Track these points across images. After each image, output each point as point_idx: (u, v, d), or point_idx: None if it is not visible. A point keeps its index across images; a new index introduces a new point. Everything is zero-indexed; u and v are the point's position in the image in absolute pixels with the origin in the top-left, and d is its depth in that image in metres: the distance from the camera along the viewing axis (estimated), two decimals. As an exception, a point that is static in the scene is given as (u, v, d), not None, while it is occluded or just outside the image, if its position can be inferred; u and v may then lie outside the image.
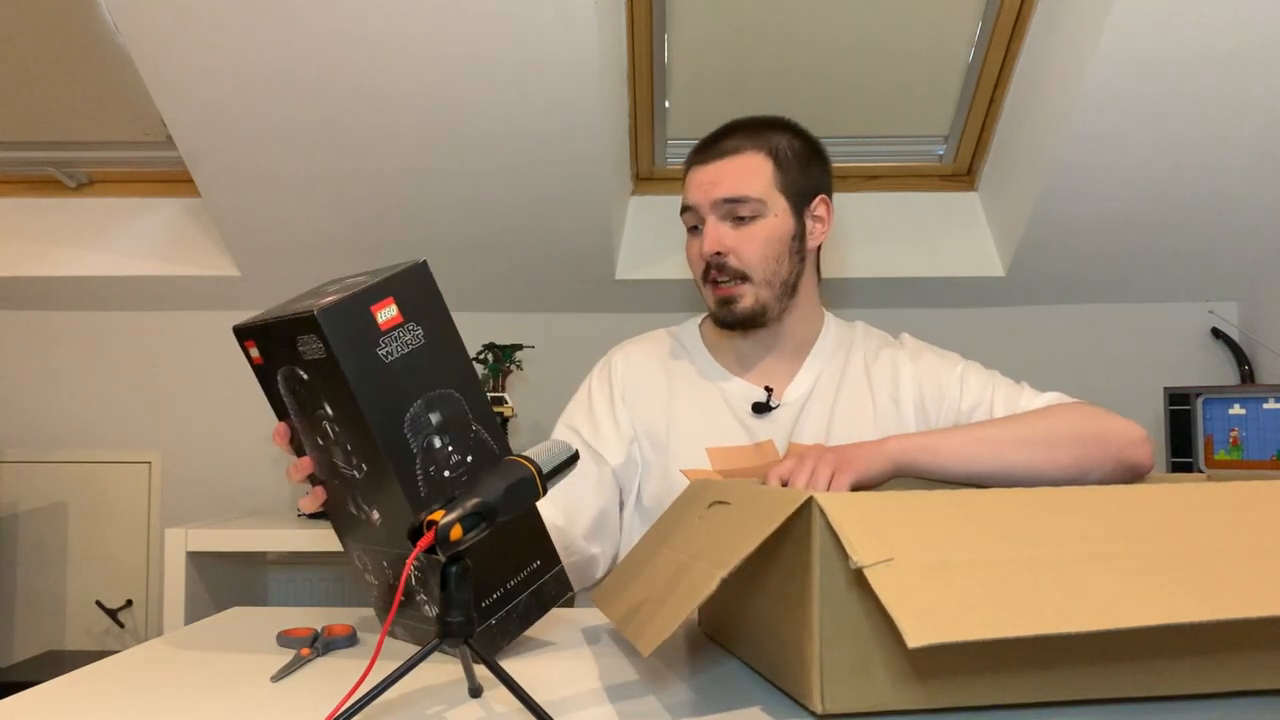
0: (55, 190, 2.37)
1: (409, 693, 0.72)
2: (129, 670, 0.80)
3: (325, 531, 1.99)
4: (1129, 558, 0.60)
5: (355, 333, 0.74)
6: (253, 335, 0.82)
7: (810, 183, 1.25)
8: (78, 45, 2.09)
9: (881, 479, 0.97)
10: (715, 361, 1.31)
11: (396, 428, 0.75)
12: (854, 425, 1.23)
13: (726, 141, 1.23)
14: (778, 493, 0.74)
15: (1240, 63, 1.81)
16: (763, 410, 1.25)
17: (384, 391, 0.75)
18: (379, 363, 0.75)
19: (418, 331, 0.77)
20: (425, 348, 0.77)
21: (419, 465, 0.76)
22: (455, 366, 0.79)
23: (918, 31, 2.08)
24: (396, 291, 0.76)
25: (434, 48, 1.81)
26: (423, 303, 0.78)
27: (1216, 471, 1.99)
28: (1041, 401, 1.17)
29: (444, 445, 0.78)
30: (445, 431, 0.78)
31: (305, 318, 0.73)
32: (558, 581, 0.87)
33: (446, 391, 0.78)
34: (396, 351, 0.76)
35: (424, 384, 0.77)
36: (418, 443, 0.76)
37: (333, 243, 2.25)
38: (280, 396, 0.84)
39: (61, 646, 2.39)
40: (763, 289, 1.21)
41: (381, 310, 0.75)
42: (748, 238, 1.20)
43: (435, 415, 0.77)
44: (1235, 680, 0.65)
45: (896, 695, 0.62)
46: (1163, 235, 2.21)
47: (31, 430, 2.44)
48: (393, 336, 0.76)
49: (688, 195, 1.24)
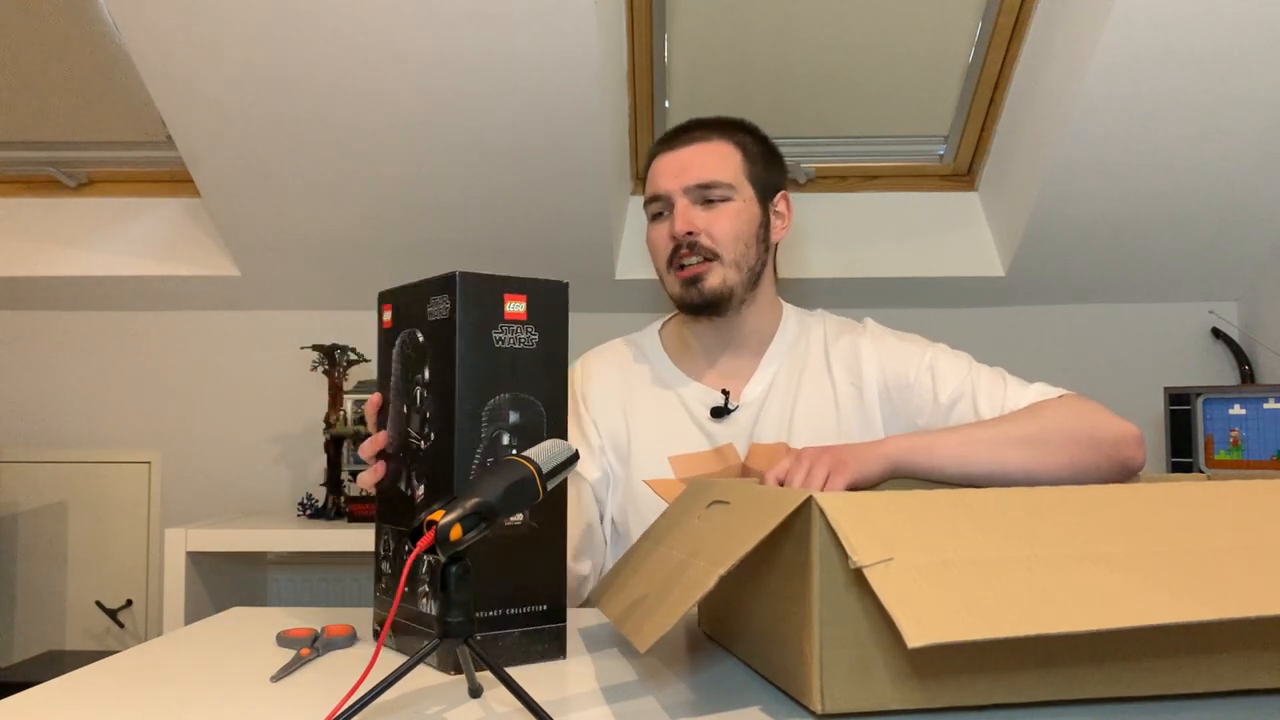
0: (55, 190, 2.37)
1: (409, 693, 0.72)
2: (129, 670, 0.80)
3: (325, 531, 1.99)
4: (1129, 558, 0.60)
5: (481, 306, 0.81)
6: (392, 298, 0.90)
7: (772, 179, 1.27)
8: (78, 45, 2.09)
9: (878, 480, 0.97)
10: (674, 366, 1.30)
11: (476, 406, 0.80)
12: (815, 420, 1.22)
13: (693, 131, 1.24)
14: (777, 492, 0.74)
15: (1240, 63, 1.81)
16: (721, 414, 1.24)
17: (481, 370, 0.81)
18: (489, 342, 0.81)
19: (534, 336, 0.84)
20: (534, 353, 0.84)
21: (480, 451, 0.80)
22: (552, 383, 0.85)
23: (918, 32, 2.08)
24: (531, 292, 0.83)
25: (434, 48, 1.81)
26: (549, 315, 0.85)
27: (1216, 471, 1.99)
28: (1031, 393, 1.14)
29: (511, 444, 0.82)
30: (518, 433, 0.82)
31: (448, 276, 0.80)
32: (553, 639, 0.84)
33: (534, 400, 0.84)
34: (508, 342, 0.82)
35: (519, 383, 0.83)
36: (489, 430, 0.81)
37: (333, 243, 2.26)
38: (387, 365, 0.91)
39: (61, 646, 2.39)
40: (730, 270, 1.20)
41: (512, 301, 0.83)
42: (718, 216, 1.20)
43: (515, 415, 0.82)
44: (1235, 680, 0.65)
45: (896, 695, 0.62)
46: (1163, 235, 2.21)
47: (31, 430, 2.44)
48: (510, 327, 0.82)
49: (656, 183, 1.23)
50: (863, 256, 2.34)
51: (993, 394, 1.15)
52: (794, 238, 2.34)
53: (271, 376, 2.43)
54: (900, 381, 1.21)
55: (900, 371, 1.22)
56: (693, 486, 0.96)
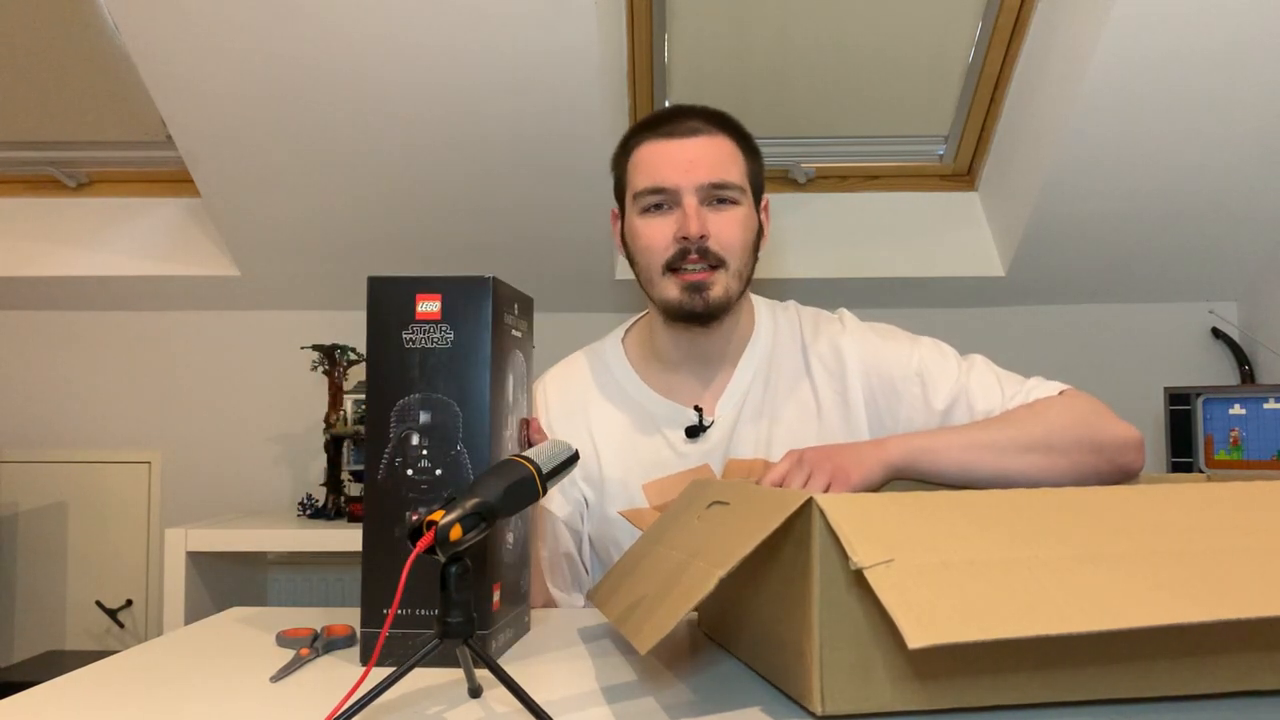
0: (55, 190, 2.37)
1: (409, 693, 0.72)
2: (129, 670, 0.80)
3: (325, 531, 1.99)
4: (1129, 558, 0.60)
5: (391, 307, 0.81)
6: None
7: (761, 182, 1.20)
8: (78, 45, 2.09)
9: (878, 485, 0.97)
10: (642, 382, 1.21)
11: (385, 406, 0.81)
12: (796, 429, 1.16)
13: (691, 121, 1.13)
14: (778, 493, 0.74)
15: (1240, 62, 1.81)
16: (695, 434, 1.17)
17: (389, 370, 0.81)
18: (397, 343, 0.81)
19: (449, 334, 0.81)
20: (449, 352, 0.81)
21: (388, 449, 0.81)
22: (470, 385, 0.81)
23: (918, 31, 2.08)
24: (447, 291, 0.81)
25: (434, 48, 1.81)
26: (467, 314, 0.81)
27: (1216, 471, 1.99)
28: (1029, 389, 1.11)
29: (419, 445, 0.81)
30: (428, 433, 0.81)
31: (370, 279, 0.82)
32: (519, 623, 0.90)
33: (447, 400, 0.81)
34: (419, 342, 0.81)
35: (430, 384, 0.81)
36: (397, 430, 0.81)
37: (333, 243, 2.25)
38: None
39: (61, 646, 2.39)
40: (734, 280, 1.13)
41: (425, 301, 0.81)
42: (729, 222, 1.12)
43: (426, 415, 0.81)
44: (1235, 680, 0.65)
45: (896, 696, 0.62)
46: (1163, 235, 2.21)
47: (31, 430, 2.44)
48: (422, 328, 0.81)
49: (658, 174, 1.12)
50: (863, 256, 2.33)
51: (989, 395, 1.12)
52: (794, 238, 2.34)
53: (271, 376, 2.43)
54: (887, 386, 1.16)
55: (886, 375, 1.16)
56: (692, 487, 0.96)
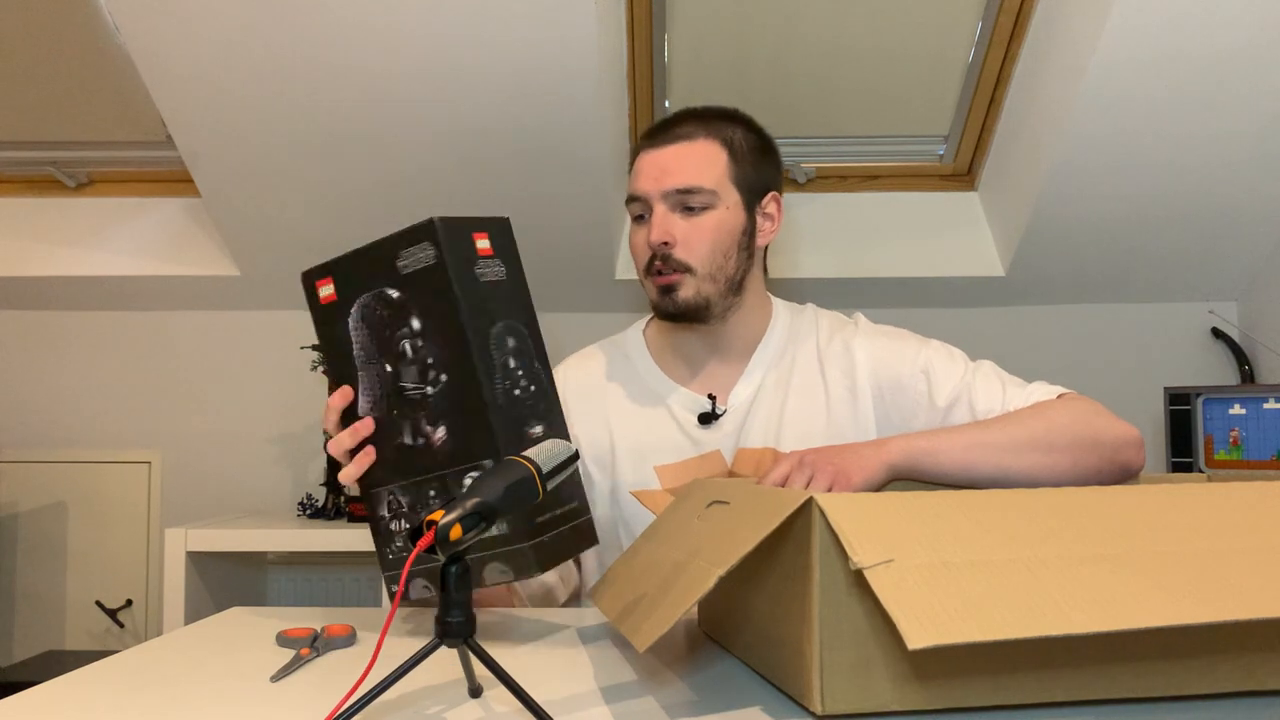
0: (55, 190, 2.37)
1: (409, 693, 0.72)
2: (129, 670, 0.80)
3: (325, 531, 1.99)
4: (1129, 558, 0.60)
5: (462, 247, 0.86)
6: (329, 272, 0.93)
7: (762, 179, 1.21)
8: (78, 45, 2.09)
9: (880, 487, 0.97)
10: (659, 370, 1.26)
11: (486, 339, 0.86)
12: (804, 422, 1.19)
13: (680, 127, 1.18)
14: (778, 493, 0.74)
15: (1240, 63, 1.81)
16: (709, 420, 1.20)
17: (479, 305, 0.86)
18: (476, 279, 0.86)
19: (501, 269, 0.89)
20: (506, 283, 0.89)
21: (498, 378, 0.86)
22: (526, 308, 0.91)
23: (918, 31, 2.08)
24: (489, 229, 0.89)
25: (434, 48, 1.81)
26: (506, 248, 0.90)
27: (1216, 472, 1.99)
28: (1030, 393, 1.12)
29: (515, 367, 0.88)
30: (517, 356, 0.89)
31: (422, 226, 0.84)
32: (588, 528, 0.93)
33: (518, 325, 0.90)
34: (488, 276, 0.88)
35: (505, 311, 0.89)
36: (499, 358, 0.87)
37: (333, 243, 2.24)
38: (343, 337, 0.92)
39: (61, 646, 2.39)
40: (705, 283, 1.16)
41: (480, 239, 0.88)
42: (696, 229, 1.15)
43: (511, 340, 0.89)
44: (1237, 682, 0.65)
45: (896, 696, 0.62)
46: (1163, 235, 2.21)
47: (31, 430, 2.44)
48: (486, 263, 0.88)
49: (636, 183, 1.18)
50: (863, 256, 2.33)
51: (990, 396, 1.13)
52: (794, 238, 2.34)
53: (271, 376, 2.43)
54: (894, 383, 1.18)
55: (894, 372, 1.19)
56: (692, 486, 0.96)
